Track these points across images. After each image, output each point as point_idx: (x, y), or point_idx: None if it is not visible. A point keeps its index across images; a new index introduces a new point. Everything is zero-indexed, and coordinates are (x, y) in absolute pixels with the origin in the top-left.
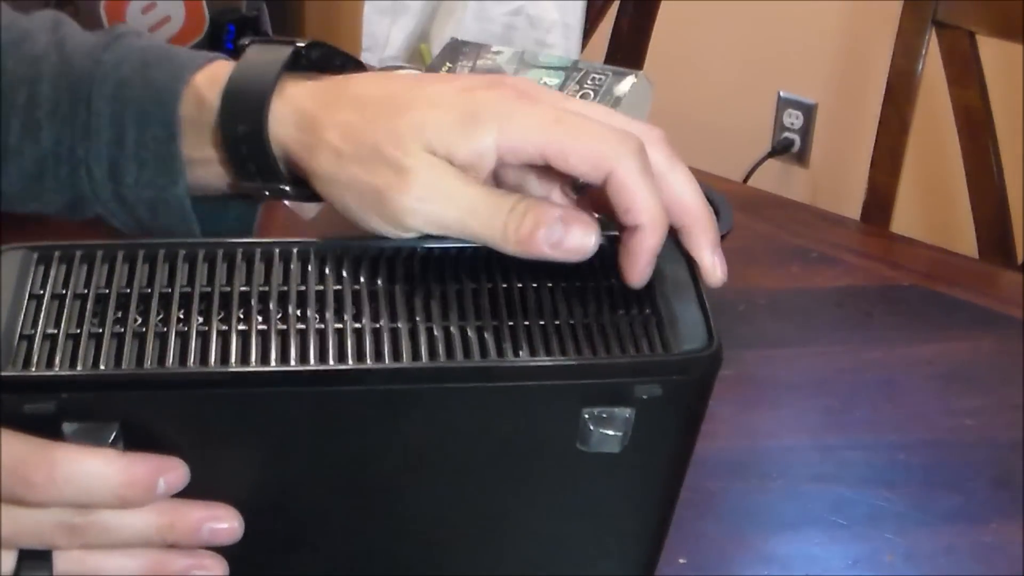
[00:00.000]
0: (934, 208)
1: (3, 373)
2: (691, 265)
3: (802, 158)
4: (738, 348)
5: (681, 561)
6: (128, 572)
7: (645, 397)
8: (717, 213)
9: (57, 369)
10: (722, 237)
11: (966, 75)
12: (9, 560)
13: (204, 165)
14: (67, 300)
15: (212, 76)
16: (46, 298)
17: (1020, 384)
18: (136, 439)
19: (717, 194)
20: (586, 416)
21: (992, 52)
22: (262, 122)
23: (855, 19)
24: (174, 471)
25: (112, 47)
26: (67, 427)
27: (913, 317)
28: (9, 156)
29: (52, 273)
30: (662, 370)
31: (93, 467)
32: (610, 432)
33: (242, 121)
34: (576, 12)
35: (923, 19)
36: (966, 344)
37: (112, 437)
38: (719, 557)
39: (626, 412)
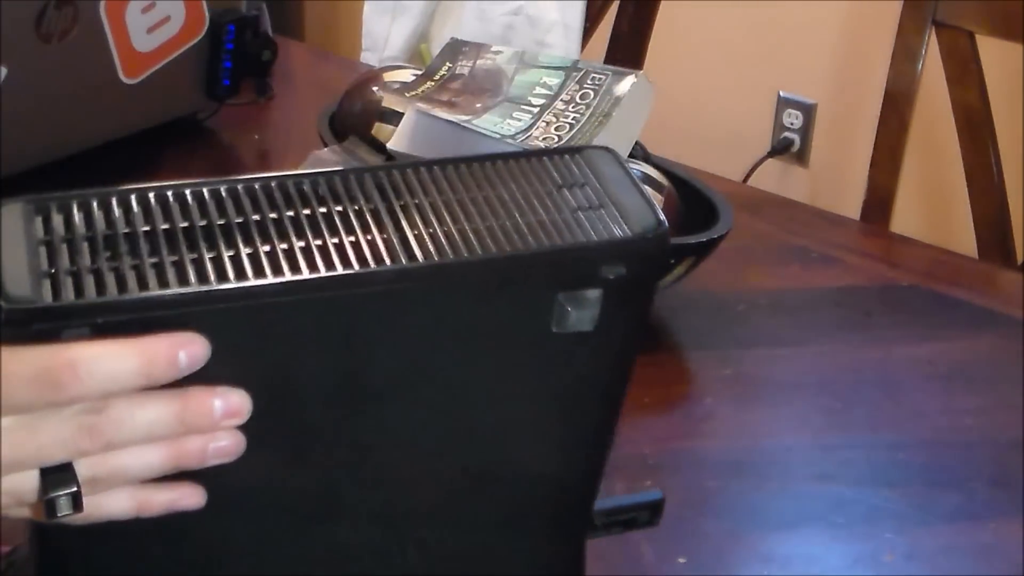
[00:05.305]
0: (934, 208)
1: (43, 304)
2: (620, 161)
3: (802, 158)
4: (738, 348)
5: (680, 560)
6: (151, 464)
7: (611, 277)
8: (717, 213)
9: (92, 297)
10: (722, 237)
11: (966, 75)
12: (33, 481)
13: None
14: (76, 242)
15: None
16: (55, 242)
17: (1020, 384)
18: None
19: (717, 194)
20: (561, 299)
21: (992, 52)
22: None
23: (855, 19)
24: (192, 344)
25: None
26: None
27: (913, 317)
28: None
29: (53, 221)
30: (625, 250)
31: (113, 352)
32: (584, 311)
33: None
34: (576, 12)
35: (923, 19)
36: (966, 344)
37: None
38: (718, 556)
39: (596, 292)
